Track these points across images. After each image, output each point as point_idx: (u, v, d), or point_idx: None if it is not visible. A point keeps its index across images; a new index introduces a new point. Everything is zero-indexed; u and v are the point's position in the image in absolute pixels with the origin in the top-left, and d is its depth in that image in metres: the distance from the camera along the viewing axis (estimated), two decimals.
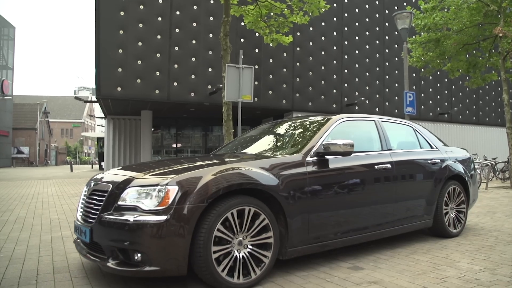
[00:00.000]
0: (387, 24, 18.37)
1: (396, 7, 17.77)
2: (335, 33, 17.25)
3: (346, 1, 17.52)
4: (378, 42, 18.43)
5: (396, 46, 18.48)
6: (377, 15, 18.42)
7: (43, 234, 4.57)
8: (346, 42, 17.53)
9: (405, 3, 18.57)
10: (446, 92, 20.57)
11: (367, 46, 18.07)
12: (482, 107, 22.04)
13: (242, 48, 10.88)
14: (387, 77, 18.63)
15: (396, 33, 16.62)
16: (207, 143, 21.04)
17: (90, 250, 2.84)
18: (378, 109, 18.13)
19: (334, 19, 17.13)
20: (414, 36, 12.88)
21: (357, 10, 17.86)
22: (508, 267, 3.19)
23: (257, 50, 15.35)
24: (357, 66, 17.81)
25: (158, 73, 13.88)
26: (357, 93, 17.73)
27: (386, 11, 18.38)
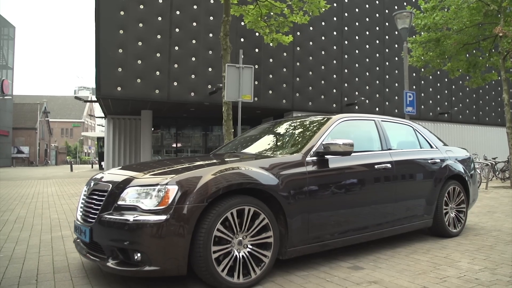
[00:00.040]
0: (387, 23, 18.35)
1: (396, 7, 17.74)
2: (335, 32, 17.24)
3: (346, 0, 17.51)
4: (378, 41, 18.42)
5: (396, 45, 18.46)
6: (377, 15, 18.40)
7: (43, 233, 4.57)
8: (346, 42, 17.52)
9: (405, 3, 18.56)
10: (446, 91, 20.56)
11: (367, 46, 18.06)
12: (482, 107, 22.02)
13: (242, 47, 10.86)
14: (387, 76, 18.62)
15: (396, 32, 16.60)
16: (207, 143, 21.03)
17: (90, 250, 2.84)
18: (378, 108, 18.12)
19: (334, 19, 17.12)
20: (414, 35, 12.87)
21: (357, 10, 17.85)
22: (508, 267, 3.19)
23: (257, 50, 15.35)
24: (357, 65, 17.80)
25: (158, 73, 13.88)
26: (357, 92, 17.73)
27: (386, 11, 18.36)
